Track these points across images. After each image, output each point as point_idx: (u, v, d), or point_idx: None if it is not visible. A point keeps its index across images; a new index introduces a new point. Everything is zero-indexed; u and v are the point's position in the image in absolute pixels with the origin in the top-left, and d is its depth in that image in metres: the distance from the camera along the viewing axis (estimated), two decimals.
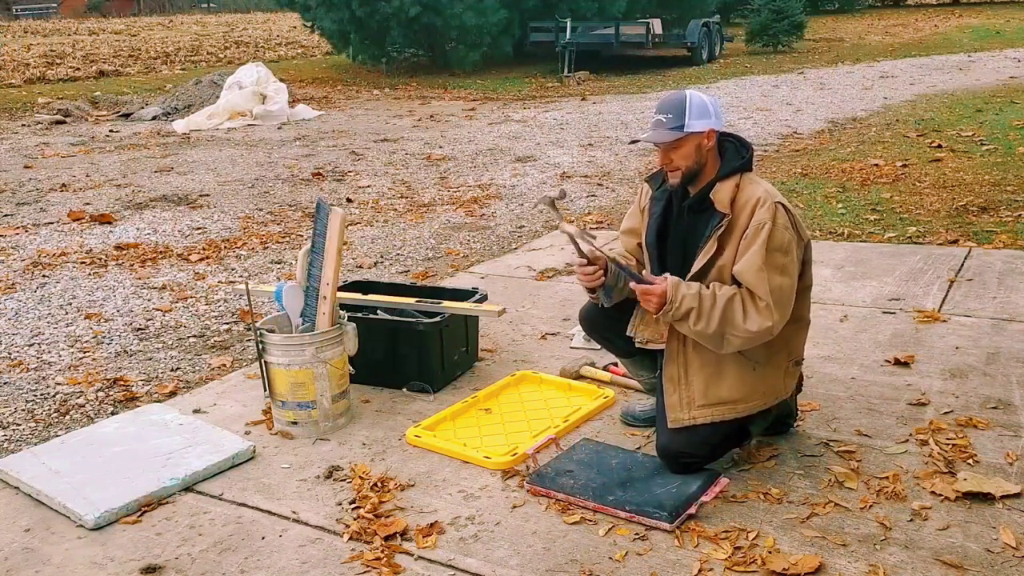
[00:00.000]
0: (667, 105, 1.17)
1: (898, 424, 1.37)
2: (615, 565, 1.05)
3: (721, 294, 1.14)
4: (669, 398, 1.18)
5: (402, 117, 5.71)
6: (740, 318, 1.13)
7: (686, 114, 1.15)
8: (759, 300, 1.12)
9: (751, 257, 1.13)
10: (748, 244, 1.13)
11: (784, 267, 1.14)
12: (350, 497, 1.23)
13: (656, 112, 1.18)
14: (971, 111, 4.81)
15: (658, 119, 1.16)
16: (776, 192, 1.18)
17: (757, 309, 1.12)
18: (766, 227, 1.12)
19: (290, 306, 1.48)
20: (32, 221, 3.15)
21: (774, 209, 1.13)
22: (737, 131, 1.33)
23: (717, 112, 1.18)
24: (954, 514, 1.12)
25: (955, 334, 1.73)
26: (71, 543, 1.15)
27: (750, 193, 1.15)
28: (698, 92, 1.19)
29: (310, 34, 9.45)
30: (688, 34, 8.17)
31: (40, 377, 1.77)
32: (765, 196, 1.14)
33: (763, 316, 1.12)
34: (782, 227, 1.13)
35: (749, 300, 1.13)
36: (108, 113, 6.24)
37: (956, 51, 8.32)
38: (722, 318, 1.12)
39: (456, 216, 3.07)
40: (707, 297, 1.14)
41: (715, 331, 1.13)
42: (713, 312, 1.13)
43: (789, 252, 1.14)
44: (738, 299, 1.13)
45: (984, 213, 2.71)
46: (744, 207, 1.15)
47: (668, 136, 1.16)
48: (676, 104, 1.16)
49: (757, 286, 1.12)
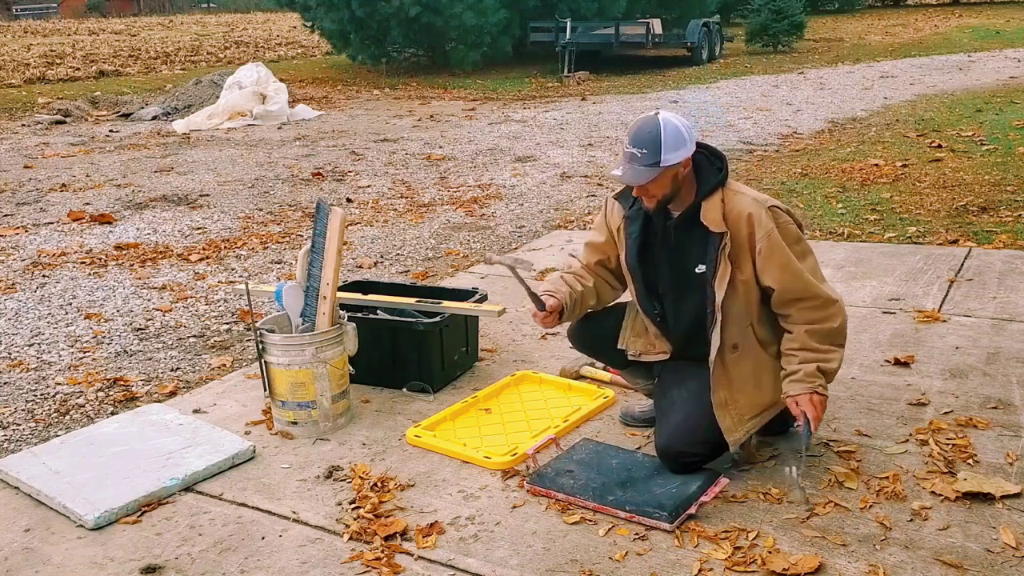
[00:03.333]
0: (640, 138, 1.11)
1: (898, 424, 1.37)
2: (615, 565, 1.05)
3: (801, 341, 1.15)
4: (723, 422, 1.18)
5: (402, 117, 5.71)
6: (829, 326, 1.15)
7: (661, 148, 1.10)
8: (811, 301, 1.14)
9: (787, 270, 1.13)
10: (771, 259, 1.13)
11: (805, 250, 1.18)
12: (350, 497, 1.23)
13: (629, 144, 1.12)
14: (971, 111, 4.81)
15: (631, 152, 1.11)
16: (761, 195, 1.17)
17: (825, 307, 1.14)
18: (774, 233, 1.13)
19: (290, 306, 1.48)
20: (32, 221, 3.15)
21: (771, 215, 1.14)
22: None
23: (691, 135, 1.14)
24: (954, 514, 1.12)
25: (955, 334, 1.73)
26: (71, 543, 1.15)
27: (738, 206, 1.14)
28: (671, 116, 1.13)
29: (310, 34, 9.44)
30: (688, 34, 8.17)
31: (40, 377, 1.77)
32: (755, 206, 1.14)
33: (831, 307, 1.15)
34: (786, 224, 1.15)
35: (808, 312, 1.15)
36: (108, 113, 6.24)
37: (956, 51, 8.32)
38: (830, 341, 1.16)
39: (456, 216, 3.07)
40: (806, 355, 1.15)
41: (841, 346, 1.17)
42: (821, 348, 1.15)
43: (801, 239, 1.18)
44: (811, 327, 1.15)
45: (984, 213, 2.71)
46: (738, 221, 1.14)
47: (644, 176, 1.12)
48: (650, 138, 1.10)
49: (807, 290, 1.14)
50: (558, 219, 2.98)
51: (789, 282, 1.14)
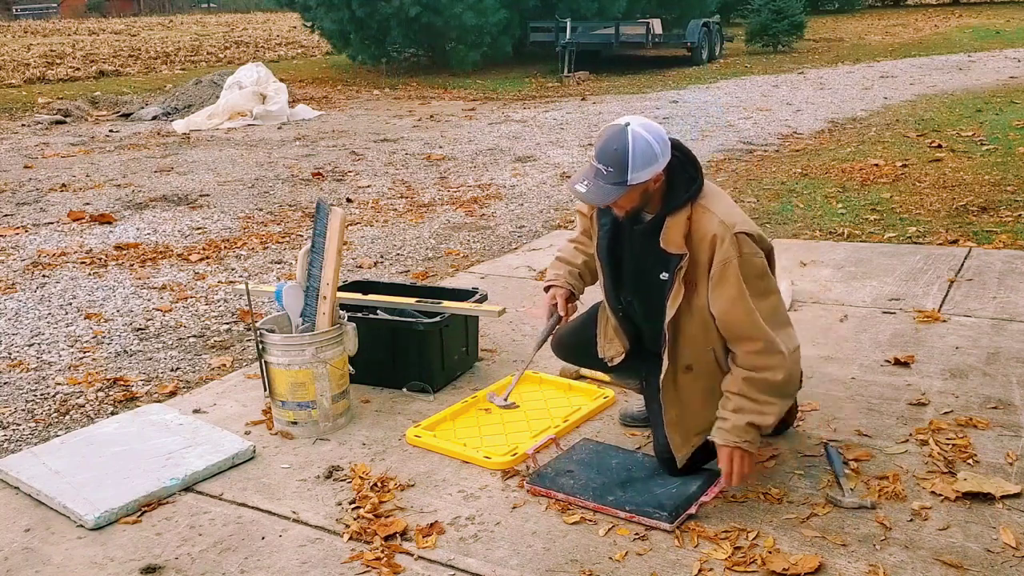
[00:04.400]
0: (607, 155, 1.01)
1: (898, 424, 1.37)
2: (615, 565, 1.05)
3: (737, 387, 1.07)
4: (672, 439, 1.15)
5: (402, 117, 5.70)
6: (769, 377, 1.07)
7: (628, 167, 1.00)
8: (752, 344, 1.06)
9: (735, 305, 1.04)
10: (720, 289, 1.05)
11: (767, 289, 1.08)
12: (350, 497, 1.22)
13: (596, 159, 1.02)
14: (971, 111, 4.81)
15: (597, 168, 1.01)
16: (734, 215, 1.06)
17: (769, 355, 1.06)
18: (732, 264, 1.04)
19: (290, 306, 1.48)
20: (32, 221, 3.14)
21: (736, 242, 1.04)
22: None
23: (664, 148, 1.03)
24: (954, 514, 1.12)
25: (955, 334, 1.72)
26: (71, 543, 1.15)
27: (704, 226, 1.05)
28: (642, 129, 1.02)
29: (310, 34, 9.44)
30: (688, 34, 8.15)
31: (40, 377, 1.77)
32: (722, 230, 1.04)
33: (775, 356, 1.06)
34: (750, 256, 1.05)
35: (751, 358, 1.06)
36: (108, 113, 6.23)
37: (956, 51, 8.31)
38: (767, 393, 1.08)
39: (456, 216, 3.07)
40: (739, 403, 1.08)
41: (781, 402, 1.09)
42: (759, 401, 1.08)
43: (765, 275, 1.08)
44: (748, 373, 1.07)
45: (984, 213, 2.71)
46: (701, 242, 1.05)
47: (610, 194, 1.03)
48: (617, 156, 1.00)
49: (752, 331, 1.05)
50: (558, 219, 2.98)
51: (734, 319, 1.05)
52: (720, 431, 1.11)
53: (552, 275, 1.24)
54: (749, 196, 3.13)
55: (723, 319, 1.08)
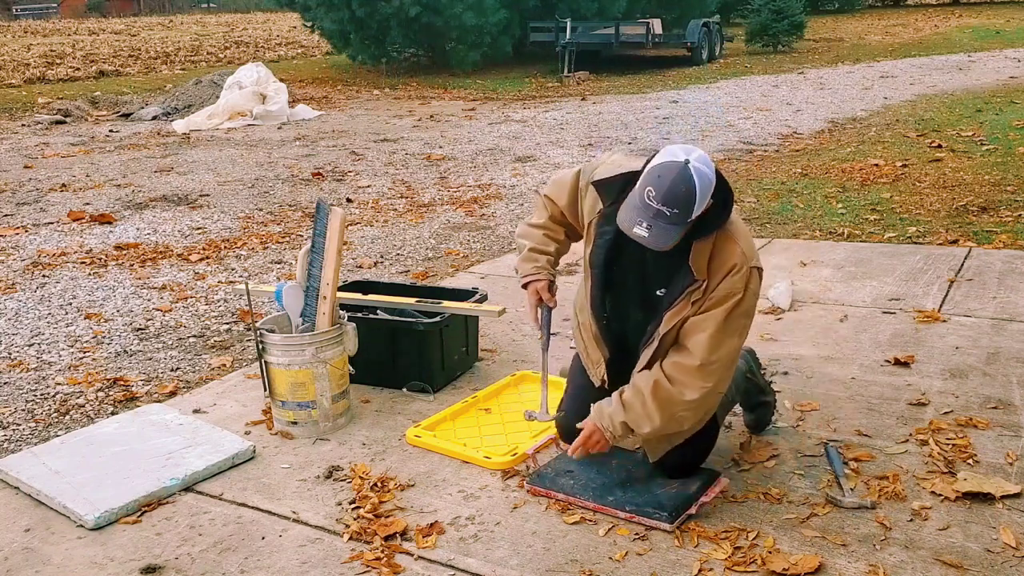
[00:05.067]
0: (674, 197, 0.94)
1: (898, 424, 1.37)
2: (615, 565, 1.05)
3: (643, 384, 1.07)
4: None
5: (402, 117, 5.69)
6: (676, 393, 1.06)
7: (695, 205, 0.96)
8: (690, 359, 1.04)
9: (708, 320, 1.04)
10: (712, 307, 1.04)
11: (743, 329, 1.08)
12: (350, 497, 1.22)
13: (659, 202, 0.95)
14: (971, 111, 4.81)
15: (659, 210, 0.95)
16: (753, 248, 1.06)
17: (689, 372, 1.05)
18: (736, 296, 1.04)
19: (290, 306, 1.47)
20: (32, 221, 3.14)
21: (748, 275, 1.04)
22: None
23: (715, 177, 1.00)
24: (954, 514, 1.12)
25: (955, 334, 1.72)
26: (71, 543, 1.15)
27: (726, 255, 1.04)
28: (701, 164, 0.97)
29: (310, 34, 9.43)
30: (688, 34, 8.15)
31: (40, 377, 1.77)
32: (741, 261, 1.04)
33: (698, 377, 1.05)
34: (752, 293, 1.06)
35: (678, 369, 1.05)
36: (108, 113, 6.23)
37: (956, 51, 8.31)
38: (660, 406, 1.06)
39: (456, 216, 3.06)
40: (632, 398, 1.07)
41: (663, 422, 1.07)
42: (647, 407, 1.06)
43: (750, 315, 1.09)
44: (662, 378, 1.06)
45: (984, 213, 2.71)
46: (718, 270, 1.04)
47: (674, 235, 0.97)
48: (686, 197, 0.95)
49: (698, 346, 1.04)
50: None
51: (698, 337, 1.03)
52: (599, 408, 1.11)
53: (531, 269, 1.16)
54: (749, 196, 3.12)
55: (687, 329, 1.06)
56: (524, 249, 1.19)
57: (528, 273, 1.18)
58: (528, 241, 1.19)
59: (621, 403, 1.10)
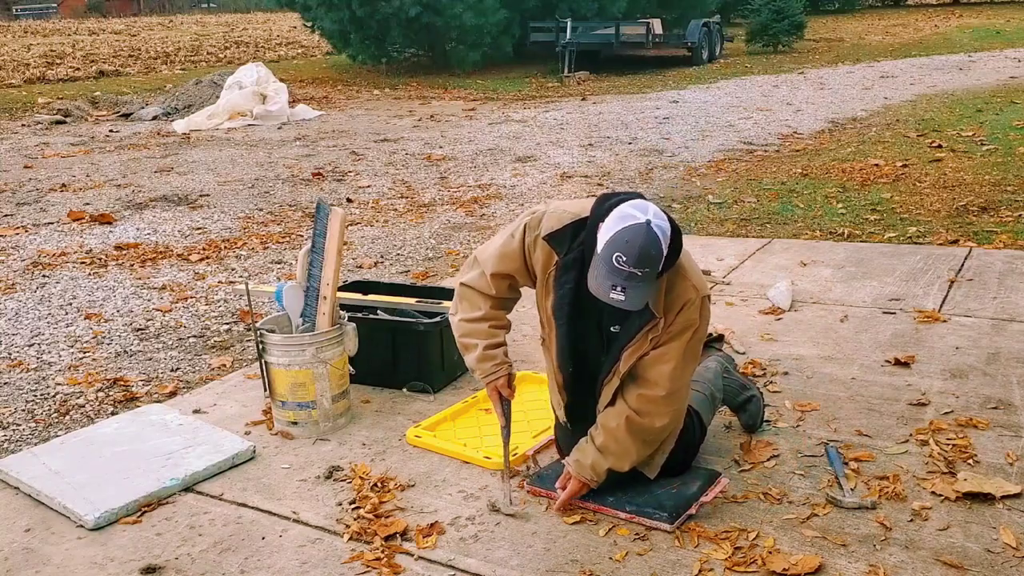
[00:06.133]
0: (644, 259, 0.98)
1: (898, 424, 1.37)
2: (615, 565, 1.05)
3: (614, 424, 1.10)
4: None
5: (402, 117, 5.69)
6: (648, 424, 1.10)
7: (663, 261, 1.01)
8: (656, 390, 1.08)
9: (669, 353, 1.07)
10: (671, 340, 1.07)
11: (699, 352, 1.13)
12: (350, 497, 1.22)
13: (631, 265, 0.97)
14: (971, 111, 4.80)
15: (631, 272, 0.98)
16: (701, 279, 1.10)
17: (656, 402, 1.09)
18: (693, 328, 1.08)
19: (290, 306, 1.47)
20: (32, 221, 3.14)
21: (700, 305, 1.08)
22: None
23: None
24: (954, 514, 1.12)
25: (955, 334, 1.72)
26: (71, 543, 1.15)
27: (679, 291, 1.07)
28: (658, 220, 1.00)
29: (310, 34, 9.42)
30: (688, 34, 8.14)
31: (40, 377, 1.77)
32: (694, 295, 1.07)
33: (666, 405, 1.09)
34: (705, 320, 1.10)
35: (644, 401, 1.08)
36: (108, 113, 6.22)
37: (956, 51, 8.30)
38: (636, 442, 1.10)
39: (456, 216, 3.06)
40: (607, 442, 1.10)
41: (640, 454, 1.11)
42: (623, 444, 1.10)
43: (704, 336, 1.14)
44: (632, 414, 1.09)
45: (984, 213, 2.70)
46: (673, 306, 1.07)
47: (648, 294, 1.01)
48: (654, 257, 0.99)
49: (662, 377, 1.08)
50: None
51: (660, 369, 1.07)
52: (578, 463, 1.13)
53: (490, 368, 1.16)
54: (749, 196, 3.11)
55: (647, 362, 1.08)
56: (477, 349, 1.17)
57: (488, 373, 1.18)
58: (476, 339, 1.17)
59: (598, 450, 1.12)
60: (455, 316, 1.20)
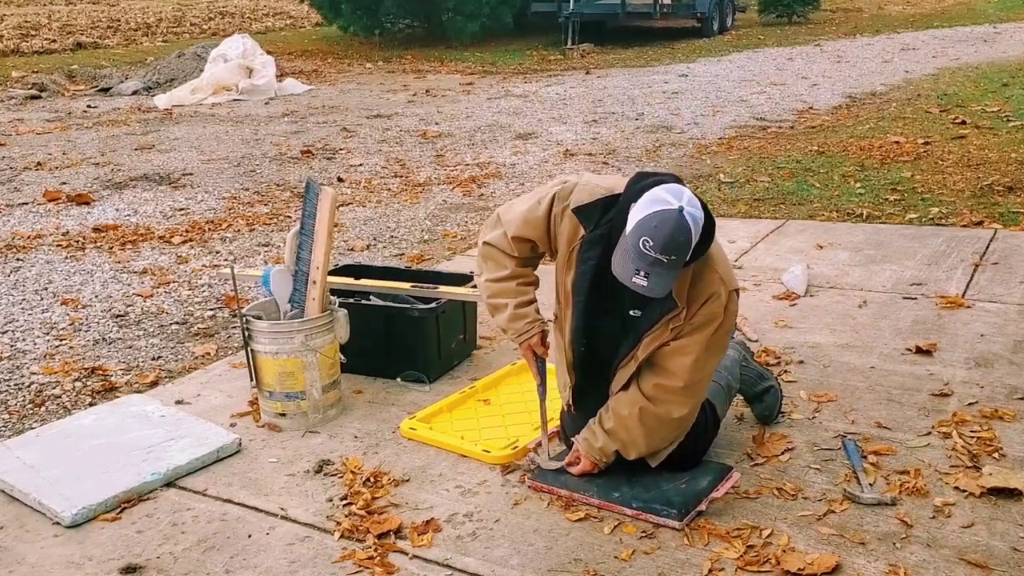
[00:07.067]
0: (673, 246, 0.96)
1: (920, 416, 1.32)
2: (621, 564, 1.01)
3: (626, 411, 1.08)
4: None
5: (396, 92, 5.53)
6: (664, 413, 1.08)
7: (691, 249, 0.98)
8: (674, 380, 1.06)
9: (691, 346, 1.05)
10: (693, 332, 1.05)
11: (724, 346, 1.11)
12: (341, 493, 1.18)
13: (658, 252, 0.95)
14: (997, 85, 4.66)
15: (656, 258, 0.96)
16: (730, 272, 1.08)
17: (674, 392, 1.07)
18: (717, 322, 1.06)
19: (278, 291, 1.41)
20: (5, 201, 3.03)
21: (727, 299, 1.06)
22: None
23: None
24: (979, 511, 1.08)
25: (980, 320, 1.67)
26: (47, 541, 1.11)
27: (706, 282, 1.05)
28: (692, 208, 0.97)
29: (299, 4, 9.19)
30: (698, 4, 7.87)
31: (14, 366, 1.71)
32: (720, 287, 1.05)
33: (684, 396, 1.08)
34: (732, 314, 1.08)
35: (661, 390, 1.07)
36: (86, 87, 6.02)
37: (981, 22, 8.08)
38: (647, 431, 1.09)
39: (453, 196, 2.97)
40: (617, 426, 1.09)
41: (651, 444, 1.11)
42: (633, 432, 1.09)
43: (730, 331, 1.12)
44: (646, 403, 1.08)
45: (1011, 193, 2.62)
46: (698, 297, 1.05)
47: (673, 281, 0.99)
48: (684, 244, 0.96)
49: (682, 369, 1.06)
50: None
51: (680, 360, 1.05)
52: (587, 442, 1.13)
53: (523, 327, 1.13)
54: (763, 175, 3.02)
55: (668, 352, 1.07)
56: (508, 308, 1.13)
57: (521, 332, 1.14)
58: (505, 299, 1.14)
59: (606, 433, 1.12)
60: (480, 276, 1.17)
